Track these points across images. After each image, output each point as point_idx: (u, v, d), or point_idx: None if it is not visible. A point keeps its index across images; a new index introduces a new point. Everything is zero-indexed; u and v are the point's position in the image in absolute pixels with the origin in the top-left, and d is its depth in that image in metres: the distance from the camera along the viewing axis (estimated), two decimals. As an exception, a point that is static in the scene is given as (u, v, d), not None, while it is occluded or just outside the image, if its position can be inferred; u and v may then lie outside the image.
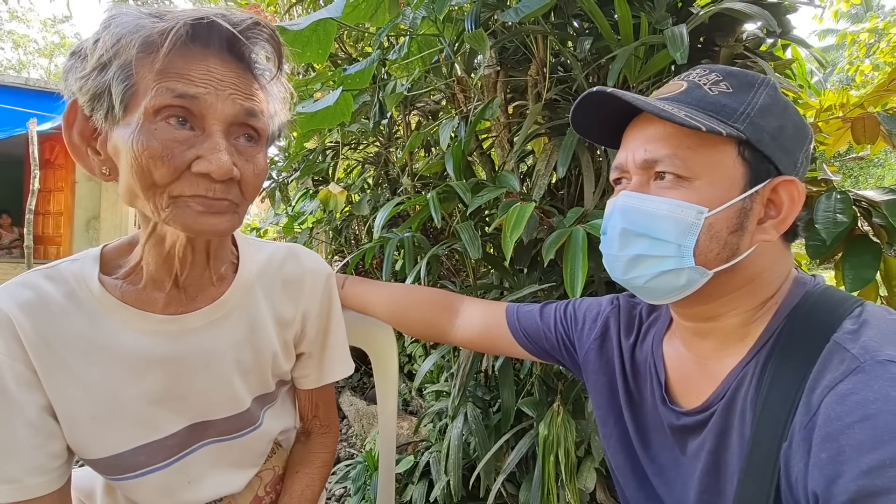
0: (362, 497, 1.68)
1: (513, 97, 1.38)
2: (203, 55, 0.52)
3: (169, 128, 0.51)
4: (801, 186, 0.51)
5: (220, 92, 0.52)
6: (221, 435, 0.67)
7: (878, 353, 0.42)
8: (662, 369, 0.63)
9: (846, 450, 0.39)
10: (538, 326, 0.79)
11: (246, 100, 0.54)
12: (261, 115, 0.56)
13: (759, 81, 0.52)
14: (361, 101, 1.45)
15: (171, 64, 0.50)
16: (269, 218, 2.77)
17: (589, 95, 0.56)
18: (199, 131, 0.52)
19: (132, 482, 0.62)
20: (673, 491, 0.59)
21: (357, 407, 2.45)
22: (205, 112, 0.52)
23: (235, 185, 0.55)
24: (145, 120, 0.50)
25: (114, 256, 0.64)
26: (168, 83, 0.50)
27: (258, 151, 0.58)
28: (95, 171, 0.56)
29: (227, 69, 0.53)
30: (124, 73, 0.50)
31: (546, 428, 0.99)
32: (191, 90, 0.50)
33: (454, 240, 1.23)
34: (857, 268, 0.82)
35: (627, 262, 0.55)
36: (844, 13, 9.15)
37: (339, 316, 0.81)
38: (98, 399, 0.58)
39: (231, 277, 0.68)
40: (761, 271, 0.53)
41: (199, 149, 0.52)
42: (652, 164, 0.52)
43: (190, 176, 0.52)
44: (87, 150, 0.56)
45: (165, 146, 0.50)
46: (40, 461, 0.55)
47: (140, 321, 0.60)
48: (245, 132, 0.56)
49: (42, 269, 0.60)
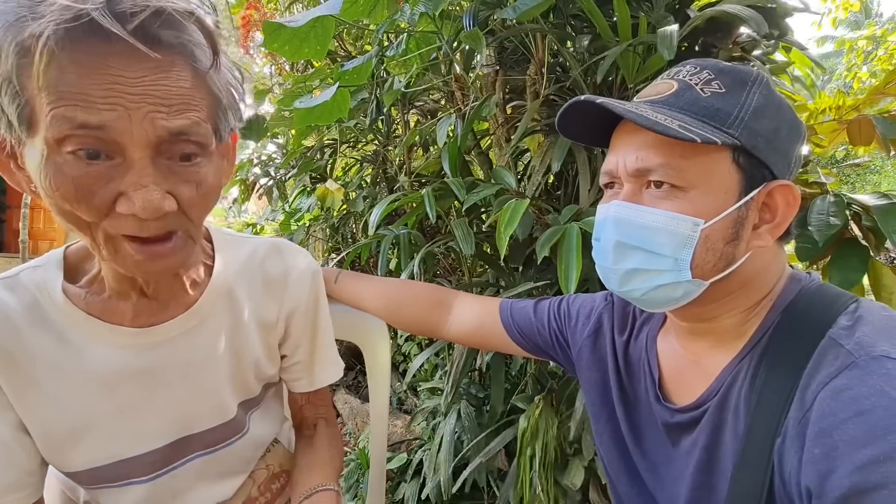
0: (354, 495, 1.67)
1: (511, 97, 1.39)
2: (101, 57, 0.39)
3: (79, 161, 0.40)
4: (796, 191, 0.51)
5: (134, 111, 0.40)
6: (207, 447, 0.64)
7: (873, 349, 0.42)
8: (656, 366, 0.62)
9: (840, 445, 0.39)
10: (532, 322, 0.78)
11: (171, 116, 0.42)
12: (197, 126, 0.44)
13: (751, 79, 0.51)
14: (359, 99, 1.45)
15: (61, 80, 0.38)
16: (265, 214, 2.77)
17: (576, 103, 0.54)
18: (118, 159, 0.42)
19: (114, 491, 0.59)
20: (665, 488, 0.59)
21: (351, 405, 2.44)
22: (118, 139, 0.40)
23: (176, 213, 0.46)
24: (50, 152, 0.40)
25: (77, 259, 0.58)
26: (63, 109, 0.38)
27: (201, 167, 0.47)
28: (24, 187, 0.47)
29: (137, 71, 0.40)
30: (11, 88, 0.39)
31: (525, 420, 0.99)
32: (93, 118, 0.39)
33: (450, 237, 1.23)
34: (845, 270, 0.82)
35: (623, 276, 0.54)
36: (843, 20, 9.21)
37: (327, 316, 0.76)
38: (71, 416, 0.55)
39: (206, 280, 0.62)
40: (756, 273, 0.53)
41: (121, 183, 0.42)
42: (645, 172, 0.51)
43: (117, 215, 0.43)
44: (11, 164, 0.46)
45: (78, 185, 0.41)
46: (14, 478, 0.53)
47: (109, 335, 0.55)
48: (180, 150, 0.45)
49: (1, 278, 0.55)
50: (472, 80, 1.37)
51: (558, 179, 1.31)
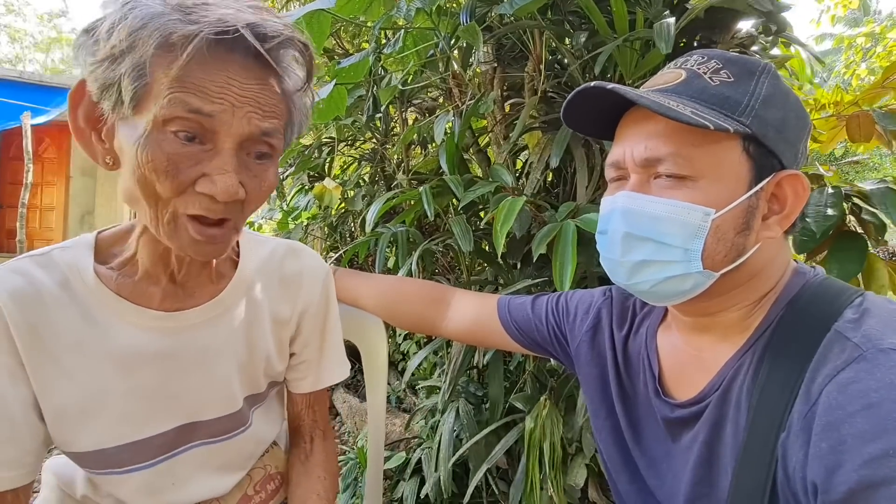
0: (353, 494, 1.67)
1: (509, 94, 1.38)
2: (224, 62, 0.48)
3: (177, 141, 0.47)
4: (804, 180, 0.50)
5: (238, 109, 0.48)
6: (211, 437, 0.65)
7: (881, 342, 0.41)
8: (656, 361, 0.62)
9: (848, 439, 0.39)
10: (530, 319, 0.78)
11: (264, 119, 0.50)
12: (277, 132, 0.53)
13: (759, 69, 0.51)
14: (357, 96, 1.44)
15: (188, 73, 0.46)
16: (263, 213, 2.77)
17: (585, 90, 0.53)
18: (210, 145, 0.49)
19: (115, 478, 0.60)
20: (664, 483, 0.59)
21: (350, 404, 2.44)
22: (217, 129, 0.48)
23: (239, 203, 0.52)
24: (153, 128, 0.47)
25: (109, 244, 0.61)
26: (183, 94, 0.46)
27: (269, 167, 0.54)
28: (98, 158, 0.53)
29: (248, 80, 0.49)
30: (138, 71, 0.46)
31: (532, 421, 0.99)
32: (206, 107, 0.47)
33: (448, 235, 1.23)
34: (843, 262, 0.82)
35: (631, 268, 0.53)
36: (842, 17, 9.20)
37: (337, 316, 0.79)
38: (87, 393, 0.56)
39: (230, 274, 0.66)
40: (763, 266, 0.52)
41: (206, 166, 0.49)
42: (654, 162, 0.50)
43: (193, 193, 0.49)
44: (92, 136, 0.53)
45: (171, 160, 0.47)
46: (13, 455, 0.54)
47: (135, 316, 0.58)
48: (258, 149, 0.52)
49: (33, 255, 0.57)
50: (470, 77, 1.37)
51: (556, 177, 1.31)
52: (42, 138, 6.37)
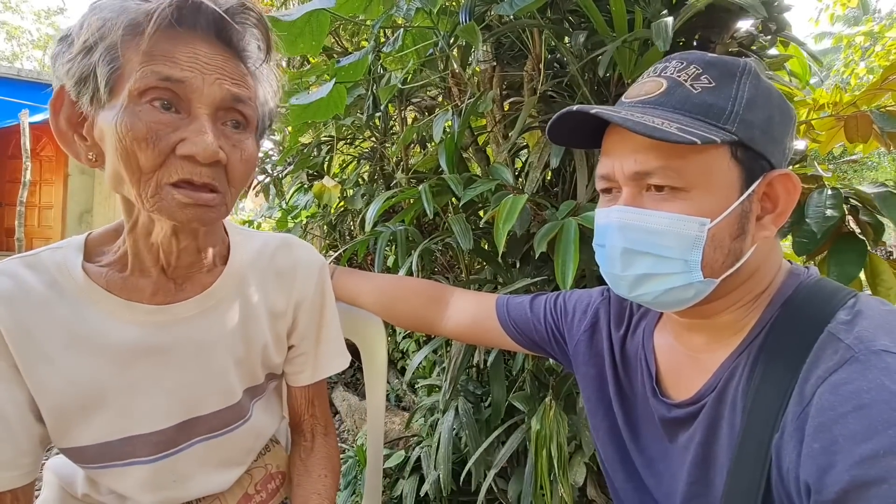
0: (352, 492, 1.68)
1: (508, 93, 1.38)
2: (190, 38, 0.51)
3: (153, 110, 0.50)
4: (794, 178, 0.50)
5: (207, 76, 0.51)
6: (211, 431, 0.66)
7: (873, 343, 0.42)
8: (653, 361, 0.62)
9: (839, 440, 0.39)
10: (528, 318, 0.78)
11: (233, 85, 0.54)
12: (249, 101, 0.56)
13: (739, 69, 0.51)
14: (356, 95, 1.44)
15: (156, 46, 0.49)
16: (262, 211, 2.76)
17: (569, 112, 0.53)
18: (185, 114, 0.52)
19: (117, 471, 0.61)
20: (661, 483, 0.59)
21: (350, 402, 2.44)
22: (190, 95, 0.51)
23: (222, 171, 0.54)
24: (130, 102, 0.49)
25: (98, 243, 0.62)
26: (153, 66, 0.49)
27: (246, 138, 0.57)
28: (82, 157, 0.56)
29: (214, 52, 0.53)
30: (110, 55, 0.49)
31: (538, 422, 0.99)
32: (176, 73, 0.50)
33: (447, 234, 1.23)
34: (843, 265, 0.82)
35: (633, 282, 0.54)
36: (841, 16, 9.20)
37: (333, 308, 0.79)
38: (85, 390, 0.57)
39: (222, 266, 0.67)
40: (758, 266, 0.52)
41: (184, 131, 0.51)
42: (644, 175, 0.50)
43: (175, 159, 0.51)
44: (74, 136, 0.55)
45: (150, 128, 0.49)
46: (9, 456, 0.54)
47: (126, 311, 0.58)
48: (232, 118, 0.55)
49: (22, 256, 0.58)
50: (469, 75, 1.36)
51: (556, 176, 1.31)
52: (40, 136, 6.35)
